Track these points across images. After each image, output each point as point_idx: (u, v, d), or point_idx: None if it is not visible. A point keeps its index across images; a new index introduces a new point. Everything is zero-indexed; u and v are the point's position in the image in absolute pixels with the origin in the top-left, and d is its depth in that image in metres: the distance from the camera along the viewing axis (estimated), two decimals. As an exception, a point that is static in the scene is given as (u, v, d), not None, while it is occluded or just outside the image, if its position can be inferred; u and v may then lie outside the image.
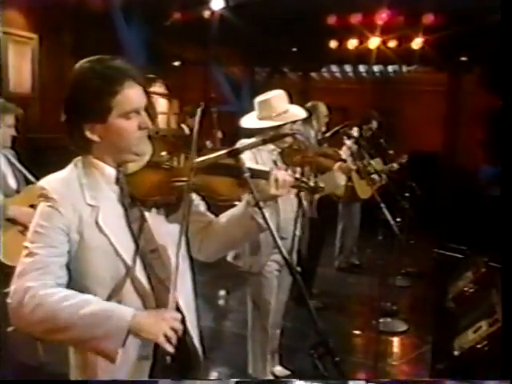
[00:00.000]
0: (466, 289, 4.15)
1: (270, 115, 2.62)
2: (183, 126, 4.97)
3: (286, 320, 3.05)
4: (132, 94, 1.33)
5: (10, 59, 5.93)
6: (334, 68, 9.92)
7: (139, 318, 1.24)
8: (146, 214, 1.41)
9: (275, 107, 2.63)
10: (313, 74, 10.12)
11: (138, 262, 1.35)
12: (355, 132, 4.49)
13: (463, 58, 7.31)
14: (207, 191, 1.43)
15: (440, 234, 5.29)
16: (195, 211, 1.52)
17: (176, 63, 8.56)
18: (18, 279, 1.26)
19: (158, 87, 8.36)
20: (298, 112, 2.69)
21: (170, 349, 1.21)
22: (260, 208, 1.30)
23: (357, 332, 3.79)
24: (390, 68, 9.32)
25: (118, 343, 1.21)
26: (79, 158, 1.41)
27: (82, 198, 1.33)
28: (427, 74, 8.62)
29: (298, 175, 1.46)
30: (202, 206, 1.56)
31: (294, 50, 8.30)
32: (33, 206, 2.56)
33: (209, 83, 8.77)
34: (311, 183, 1.45)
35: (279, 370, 3.07)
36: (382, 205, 2.57)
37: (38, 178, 2.86)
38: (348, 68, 9.79)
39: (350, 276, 4.97)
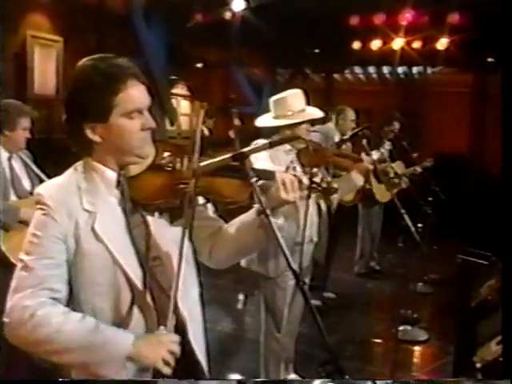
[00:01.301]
0: (488, 297, 4.03)
1: (286, 114, 2.56)
2: (202, 127, 4.94)
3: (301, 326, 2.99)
4: (135, 93, 1.29)
5: (35, 62, 6.03)
6: (357, 69, 9.81)
7: (138, 345, 1.21)
8: (149, 219, 1.36)
9: (291, 106, 2.56)
10: (336, 76, 10.02)
11: (139, 270, 1.30)
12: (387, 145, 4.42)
13: (490, 59, 7.11)
14: (213, 194, 1.37)
15: (464, 240, 5.15)
16: (203, 216, 1.46)
17: (198, 65, 8.57)
18: (14, 295, 1.23)
19: (180, 89, 8.41)
20: (315, 112, 2.63)
21: (168, 371, 1.19)
22: (267, 216, 1.24)
23: (375, 340, 3.70)
24: (415, 69, 9.16)
25: (118, 370, 1.20)
26: (80, 162, 1.37)
27: (79, 203, 1.29)
28: (452, 76, 8.44)
29: (308, 177, 1.39)
30: (210, 210, 1.50)
31: (317, 51, 8.21)
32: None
33: (231, 85, 8.77)
34: (323, 184, 1.37)
35: (293, 377, 3.01)
36: (403, 210, 2.49)
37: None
38: (371, 69, 9.66)
39: (369, 281, 4.87)
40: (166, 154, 1.39)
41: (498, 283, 4.00)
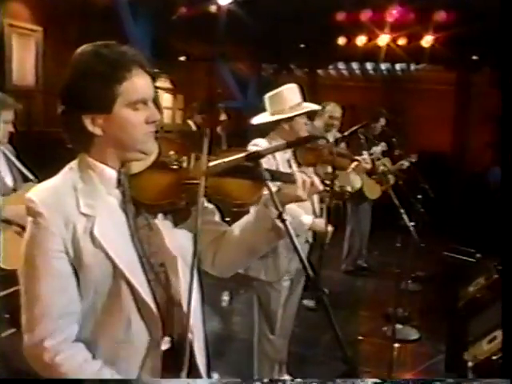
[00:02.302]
0: (478, 295, 4.03)
1: (283, 108, 2.50)
2: (190, 122, 4.83)
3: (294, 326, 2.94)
4: (140, 82, 1.19)
5: (13, 52, 5.84)
6: (341, 65, 9.78)
7: None
8: (152, 221, 1.26)
9: (288, 100, 2.51)
10: (319, 72, 9.98)
11: (143, 277, 1.21)
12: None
13: (474, 57, 7.16)
14: (221, 195, 1.28)
15: (450, 237, 5.18)
16: (208, 220, 1.37)
17: (181, 58, 8.44)
18: (28, 333, 1.15)
19: (162, 82, 8.25)
20: (311, 105, 2.58)
21: None
22: (284, 220, 1.17)
23: (367, 339, 3.66)
24: (398, 66, 9.18)
25: None
26: (75, 160, 1.26)
27: (75, 206, 1.18)
28: (436, 73, 8.48)
29: (320, 180, 1.33)
30: (216, 215, 1.41)
31: (302, 46, 8.16)
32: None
33: (214, 79, 8.65)
34: (337, 188, 1.31)
35: (287, 378, 2.96)
36: (402, 210, 2.45)
37: (36, 175, 2.76)
38: (355, 65, 9.65)
39: (357, 279, 4.85)
40: (172, 151, 1.29)
41: (488, 281, 4.02)
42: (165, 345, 1.22)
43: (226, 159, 1.26)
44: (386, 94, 8.83)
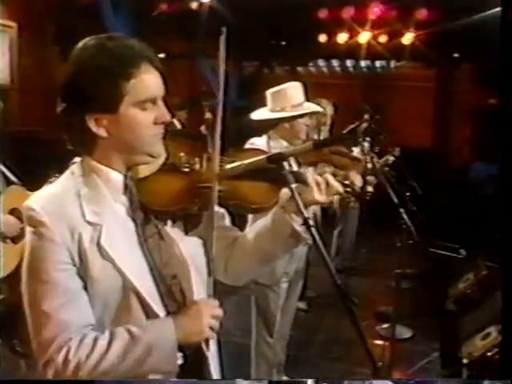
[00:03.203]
0: (468, 291, 4.06)
1: (285, 106, 2.44)
2: (174, 120, 4.74)
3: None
4: (149, 79, 1.11)
5: (-13, 48, 5.65)
6: (322, 63, 9.78)
7: (181, 326, 1.10)
8: (163, 229, 1.19)
9: (291, 98, 2.45)
10: (300, 69, 9.96)
11: (154, 290, 1.13)
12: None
13: (456, 55, 7.23)
14: (238, 199, 1.20)
15: (433, 233, 5.21)
16: (220, 225, 1.29)
17: (161, 55, 8.29)
18: (40, 356, 1.06)
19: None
20: (314, 106, 2.54)
21: (214, 337, 1.15)
22: (309, 227, 1.11)
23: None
24: (378, 63, 9.22)
25: (171, 361, 1.10)
26: (76, 163, 1.17)
27: (80, 214, 1.09)
28: (416, 70, 8.54)
29: (338, 179, 1.27)
30: (226, 219, 1.34)
31: (283, 43, 8.11)
32: (14, 210, 2.33)
33: (194, 76, 8.54)
34: (356, 188, 1.26)
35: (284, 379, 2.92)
36: (402, 209, 2.43)
37: (19, 177, 2.64)
38: (335, 63, 9.66)
39: (347, 278, 4.83)
40: (182, 153, 1.22)
41: (477, 277, 4.05)
42: (178, 361, 1.15)
43: (246, 161, 1.19)
44: (366, 92, 8.85)
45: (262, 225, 1.28)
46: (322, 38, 7.66)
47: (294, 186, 1.14)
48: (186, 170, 1.21)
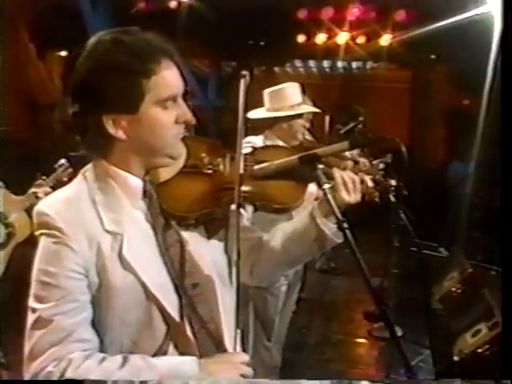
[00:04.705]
0: (453, 289, 4.11)
1: (284, 106, 2.41)
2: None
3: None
4: (170, 76, 1.05)
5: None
6: (298, 63, 9.81)
7: (207, 369, 1.01)
8: (184, 235, 1.12)
9: (290, 98, 2.43)
10: (276, 69, 9.95)
11: (176, 301, 1.07)
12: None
13: (432, 56, 7.36)
14: (264, 199, 1.16)
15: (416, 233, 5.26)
16: (242, 227, 1.22)
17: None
18: (30, 362, 0.98)
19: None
20: (312, 107, 2.53)
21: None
22: (344, 230, 1.08)
23: (352, 340, 3.65)
24: (355, 64, 9.29)
25: None
26: (88, 166, 1.10)
27: (98, 222, 1.03)
28: (392, 71, 8.65)
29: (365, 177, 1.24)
30: (245, 219, 1.30)
31: (262, 43, 8.10)
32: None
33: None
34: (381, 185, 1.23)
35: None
36: (400, 211, 2.43)
37: (2, 180, 2.54)
38: (312, 63, 9.69)
39: (332, 278, 4.85)
40: (204, 154, 1.17)
41: (462, 275, 4.11)
42: None
43: (276, 161, 1.14)
44: (343, 92, 8.91)
45: (290, 228, 1.24)
46: (301, 38, 7.69)
47: (327, 186, 1.11)
48: (209, 171, 1.16)
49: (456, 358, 3.13)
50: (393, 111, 8.47)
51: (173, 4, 6.63)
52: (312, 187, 1.22)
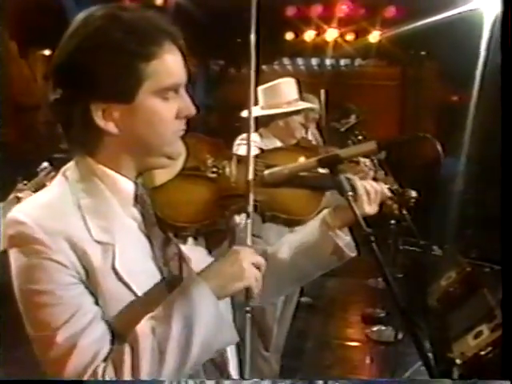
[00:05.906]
0: (451, 289, 4.05)
1: (279, 103, 2.31)
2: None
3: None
4: (173, 62, 0.91)
5: None
6: (286, 61, 9.72)
7: (219, 279, 0.91)
8: (182, 248, 1.00)
9: (286, 94, 2.34)
10: (264, 67, 9.86)
11: None
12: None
13: (422, 53, 7.32)
14: (274, 210, 1.03)
15: (405, 231, 5.21)
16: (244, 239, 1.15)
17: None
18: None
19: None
20: (308, 103, 2.44)
21: (259, 286, 0.93)
22: (371, 242, 0.97)
23: (352, 344, 3.56)
24: (343, 62, 9.24)
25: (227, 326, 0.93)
26: (70, 164, 0.95)
27: (84, 230, 0.89)
28: (382, 68, 8.61)
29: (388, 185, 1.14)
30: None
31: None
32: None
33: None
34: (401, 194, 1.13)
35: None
36: (404, 211, 2.35)
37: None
38: (300, 61, 9.62)
39: (328, 279, 4.76)
40: (208, 155, 1.04)
41: (460, 275, 4.05)
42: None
43: (290, 165, 1.02)
44: (332, 90, 8.85)
45: (298, 240, 1.13)
46: (289, 35, 7.61)
47: (350, 194, 0.99)
48: (213, 175, 1.03)
49: (458, 361, 3.05)
50: (383, 108, 8.44)
51: (159, 1, 6.49)
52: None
